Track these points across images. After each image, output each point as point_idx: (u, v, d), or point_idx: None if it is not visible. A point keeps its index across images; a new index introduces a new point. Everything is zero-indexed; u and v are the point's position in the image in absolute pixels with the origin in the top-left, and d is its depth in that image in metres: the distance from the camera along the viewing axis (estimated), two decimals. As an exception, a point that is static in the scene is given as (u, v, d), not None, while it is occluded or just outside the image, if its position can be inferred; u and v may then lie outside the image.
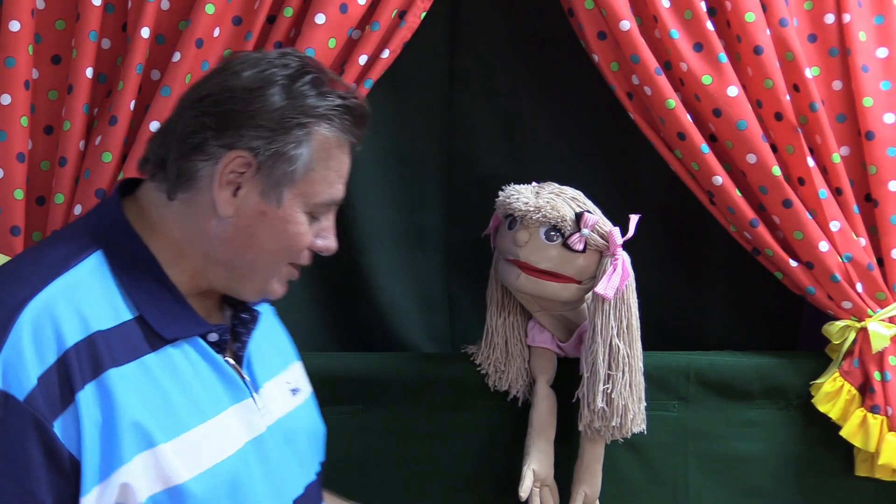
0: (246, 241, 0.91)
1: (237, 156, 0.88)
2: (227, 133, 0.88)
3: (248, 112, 0.88)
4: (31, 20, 1.23)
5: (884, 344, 1.38)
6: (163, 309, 0.89)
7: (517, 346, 1.38)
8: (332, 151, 0.92)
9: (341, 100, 0.92)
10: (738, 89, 1.34)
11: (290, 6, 1.28)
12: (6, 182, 1.23)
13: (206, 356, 0.92)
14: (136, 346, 0.86)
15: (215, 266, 0.93)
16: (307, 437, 1.05)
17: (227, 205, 0.89)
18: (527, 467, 1.31)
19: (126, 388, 0.83)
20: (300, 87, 0.90)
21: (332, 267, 1.56)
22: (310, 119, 0.90)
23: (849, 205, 1.38)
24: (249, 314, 1.00)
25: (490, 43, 1.55)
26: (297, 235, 0.92)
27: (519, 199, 1.26)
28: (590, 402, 1.27)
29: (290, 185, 0.90)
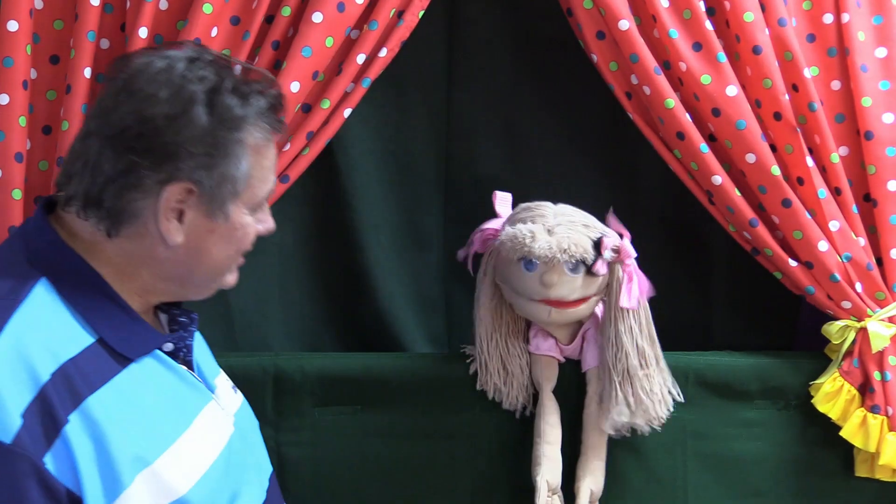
0: (199, 259, 0.91)
1: (179, 186, 0.85)
2: (163, 168, 0.84)
3: (177, 142, 0.84)
4: (29, 20, 1.23)
5: (883, 344, 1.38)
6: (120, 328, 0.87)
7: (516, 363, 1.37)
8: (263, 151, 0.91)
9: (264, 98, 0.90)
10: (737, 89, 1.34)
11: (288, 6, 1.28)
12: (4, 182, 1.23)
13: (168, 366, 0.92)
14: (104, 369, 0.84)
15: (167, 283, 0.92)
16: (253, 430, 1.06)
17: (175, 233, 0.87)
18: (540, 478, 1.31)
19: (108, 413, 0.81)
20: (223, 100, 0.86)
21: (331, 267, 1.56)
22: (240, 131, 0.87)
23: (848, 205, 1.38)
24: (187, 317, 0.99)
25: (488, 42, 1.55)
26: (245, 236, 0.93)
27: (537, 243, 1.22)
28: (630, 402, 1.29)
29: (234, 199, 0.89)
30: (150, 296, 0.93)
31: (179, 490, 0.84)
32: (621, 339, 1.28)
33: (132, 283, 0.90)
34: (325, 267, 1.56)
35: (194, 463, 0.88)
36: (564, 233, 1.23)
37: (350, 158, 1.50)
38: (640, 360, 1.29)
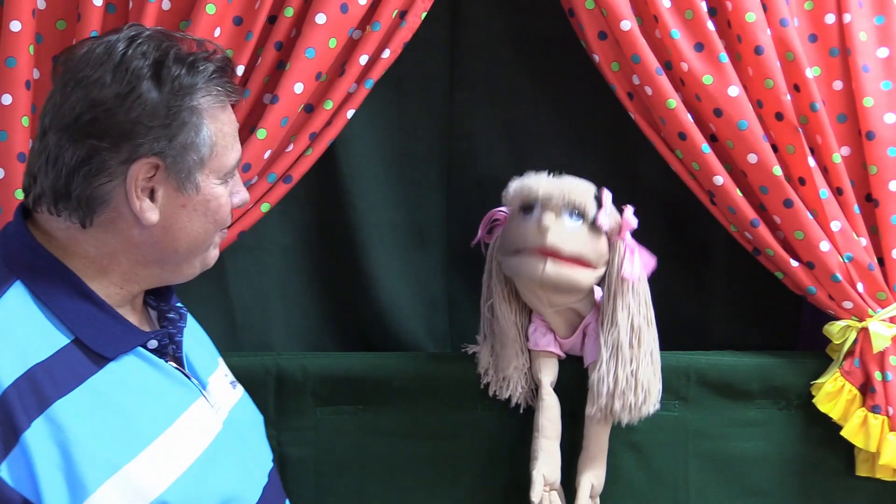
0: (176, 236, 0.90)
1: (143, 164, 0.85)
2: (122, 148, 0.84)
3: (131, 119, 0.84)
4: (32, 20, 1.23)
5: (885, 344, 1.38)
6: (97, 327, 0.86)
7: (518, 352, 1.37)
8: (221, 118, 0.91)
9: (210, 64, 0.90)
10: (738, 89, 1.34)
11: (291, 6, 1.28)
12: (7, 182, 1.23)
13: (152, 364, 0.91)
14: (78, 370, 0.83)
15: (147, 268, 0.92)
16: (253, 426, 1.06)
17: (149, 212, 0.87)
18: (536, 472, 1.30)
19: (77, 417, 0.80)
20: (169, 71, 0.86)
21: (333, 266, 1.56)
22: (193, 98, 0.87)
23: (849, 205, 1.38)
24: (176, 313, 0.99)
25: (490, 43, 1.55)
26: (219, 207, 0.93)
27: (540, 184, 1.23)
28: (609, 384, 1.26)
29: (201, 168, 0.89)
30: (132, 284, 0.92)
31: (154, 491, 0.83)
32: (616, 313, 1.26)
33: (112, 275, 0.90)
34: (328, 267, 1.56)
35: (172, 463, 0.86)
36: (566, 180, 1.25)
37: (353, 159, 1.51)
38: (632, 339, 1.26)
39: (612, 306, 1.27)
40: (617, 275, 1.27)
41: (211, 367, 1.04)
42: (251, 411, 1.08)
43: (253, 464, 1.00)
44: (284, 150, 1.31)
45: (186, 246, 0.92)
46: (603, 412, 1.28)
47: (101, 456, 0.80)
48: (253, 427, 1.07)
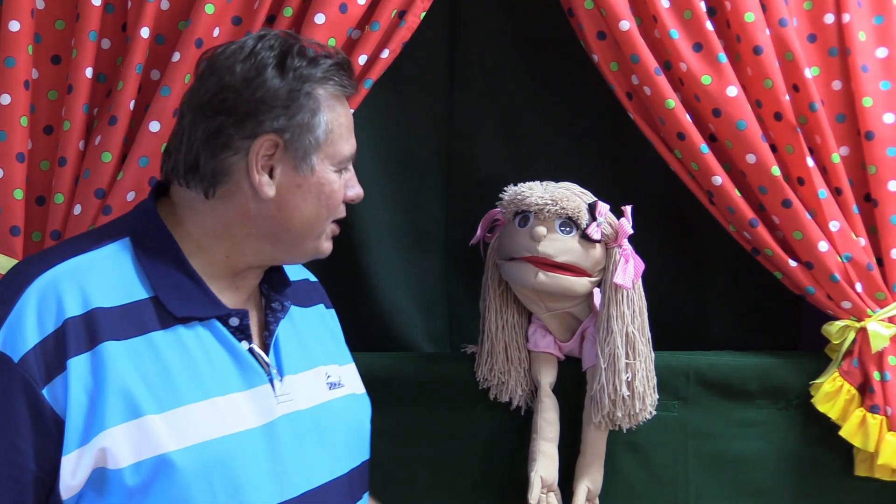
0: (290, 214, 0.96)
1: (265, 140, 0.93)
2: (246, 124, 0.93)
3: (256, 99, 0.93)
4: (30, 20, 1.23)
5: (883, 344, 1.38)
6: (179, 290, 0.93)
7: (517, 353, 1.37)
8: (338, 109, 0.98)
9: (329, 60, 0.97)
10: (737, 89, 1.34)
11: (290, 6, 1.28)
12: (6, 182, 1.23)
13: (222, 339, 0.95)
14: (144, 323, 0.90)
15: (258, 241, 0.97)
16: (344, 431, 1.06)
17: (268, 187, 0.94)
18: (534, 474, 1.31)
19: (122, 360, 0.87)
20: (291, 62, 0.94)
21: (333, 267, 1.56)
22: (312, 86, 0.95)
23: (848, 205, 1.38)
24: (280, 304, 1.04)
25: (490, 43, 1.55)
26: (332, 193, 0.98)
27: (532, 194, 1.27)
28: (610, 393, 1.28)
29: (317, 151, 0.96)
30: (239, 256, 0.98)
31: (165, 446, 0.87)
32: (612, 323, 1.28)
33: (222, 244, 0.97)
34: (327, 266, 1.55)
35: (195, 429, 0.89)
36: (560, 191, 1.27)
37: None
38: (628, 349, 1.28)
39: (606, 315, 1.28)
40: (611, 281, 1.27)
41: (309, 364, 1.05)
42: (349, 416, 1.08)
43: (304, 463, 0.99)
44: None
45: (299, 225, 0.97)
46: (605, 421, 1.30)
47: (129, 400, 0.86)
48: (347, 432, 1.06)
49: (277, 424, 0.96)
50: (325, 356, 1.09)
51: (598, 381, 1.29)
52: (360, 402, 1.13)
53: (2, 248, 1.23)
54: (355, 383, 1.13)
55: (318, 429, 1.00)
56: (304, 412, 1.00)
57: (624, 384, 1.27)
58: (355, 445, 1.08)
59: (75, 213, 1.24)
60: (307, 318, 1.11)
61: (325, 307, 1.18)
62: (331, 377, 1.07)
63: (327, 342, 1.13)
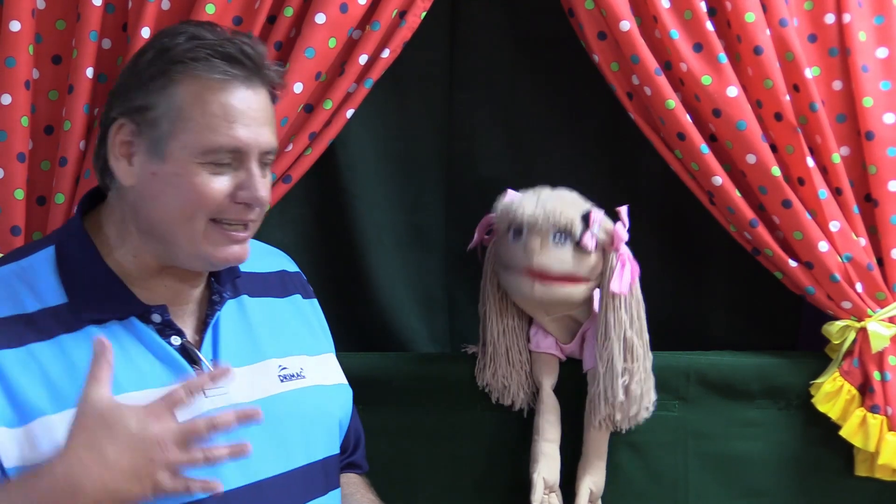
0: (152, 205, 0.93)
1: (118, 125, 0.92)
2: (110, 109, 0.94)
3: (119, 84, 0.94)
4: (31, 20, 1.23)
5: (883, 344, 1.38)
6: (92, 293, 0.93)
7: (518, 356, 1.37)
8: (205, 95, 0.91)
9: (210, 39, 0.92)
10: (737, 89, 1.34)
11: (291, 6, 1.28)
12: (7, 182, 1.23)
13: (142, 336, 0.94)
14: (53, 327, 0.90)
15: (149, 239, 0.96)
16: (298, 424, 1.02)
17: (126, 175, 0.93)
18: (537, 475, 1.31)
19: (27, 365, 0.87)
20: (168, 42, 0.92)
21: (333, 267, 1.56)
22: (169, 67, 0.91)
23: (849, 205, 1.38)
24: (219, 296, 1.02)
25: (490, 43, 1.55)
26: (193, 186, 0.91)
27: (524, 207, 1.26)
28: (609, 397, 1.28)
29: (169, 138, 0.91)
30: (144, 255, 0.96)
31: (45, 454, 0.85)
32: (609, 329, 1.27)
33: (127, 243, 0.96)
34: (327, 267, 1.55)
35: None
36: (552, 202, 1.26)
37: (352, 159, 1.50)
38: (626, 353, 1.28)
39: (604, 320, 1.28)
40: (607, 288, 1.27)
41: (256, 357, 1.02)
42: (306, 407, 1.04)
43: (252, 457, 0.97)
44: (284, 149, 1.31)
45: (163, 220, 0.93)
46: (605, 423, 1.31)
47: (32, 402, 0.86)
48: (303, 423, 1.03)
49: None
50: (285, 347, 1.06)
51: (596, 385, 1.29)
52: (328, 394, 1.09)
53: (2, 248, 1.23)
54: (326, 375, 1.10)
55: (263, 422, 0.95)
56: (243, 405, 0.95)
57: (621, 388, 1.27)
58: (314, 439, 1.04)
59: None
60: (272, 308, 1.08)
61: (302, 297, 1.15)
62: (286, 369, 1.04)
63: (295, 332, 1.09)
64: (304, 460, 1.02)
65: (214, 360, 0.98)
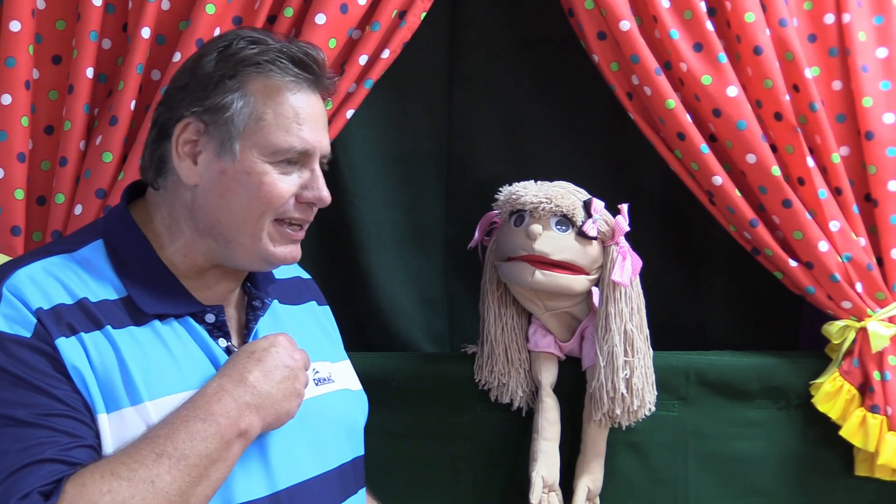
0: (217, 203, 0.93)
1: (184, 124, 0.93)
2: (174, 109, 0.94)
3: (182, 85, 0.94)
4: (31, 20, 1.23)
5: (883, 344, 1.38)
6: (151, 289, 0.93)
7: (517, 355, 1.37)
8: (277, 97, 0.94)
9: (286, 48, 0.95)
10: (737, 89, 1.34)
11: (291, 6, 1.28)
12: (7, 182, 1.23)
13: (196, 336, 0.94)
14: (122, 319, 0.90)
15: (203, 238, 0.96)
16: (332, 427, 1.05)
17: (190, 174, 0.93)
18: (535, 473, 1.31)
19: (106, 350, 0.87)
20: (234, 48, 0.93)
21: (333, 267, 1.56)
22: (240, 69, 0.93)
23: (848, 205, 1.38)
24: (260, 301, 1.02)
25: (490, 43, 1.55)
26: (262, 185, 0.93)
27: (527, 193, 1.27)
28: (609, 390, 1.28)
29: (241, 137, 0.92)
30: (195, 254, 0.96)
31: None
32: (610, 321, 1.27)
33: (177, 242, 0.96)
34: (327, 267, 1.56)
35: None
36: (554, 189, 1.27)
37: (352, 159, 1.51)
38: (626, 346, 1.28)
39: (605, 312, 1.28)
40: (608, 279, 1.27)
41: None
42: (338, 411, 1.07)
43: (289, 456, 0.98)
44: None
45: (228, 217, 0.94)
46: (606, 418, 1.30)
47: (111, 390, 0.86)
48: (334, 426, 1.05)
49: None
50: (313, 353, 1.07)
51: (596, 379, 1.29)
52: (353, 399, 1.12)
53: (2, 248, 1.23)
54: (349, 380, 1.12)
55: (304, 424, 0.99)
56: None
57: (622, 381, 1.27)
58: (346, 441, 1.07)
59: (76, 214, 1.25)
60: (296, 315, 1.10)
61: (317, 304, 1.17)
62: (318, 373, 1.06)
63: (318, 339, 1.12)
64: (339, 460, 1.05)
65: None
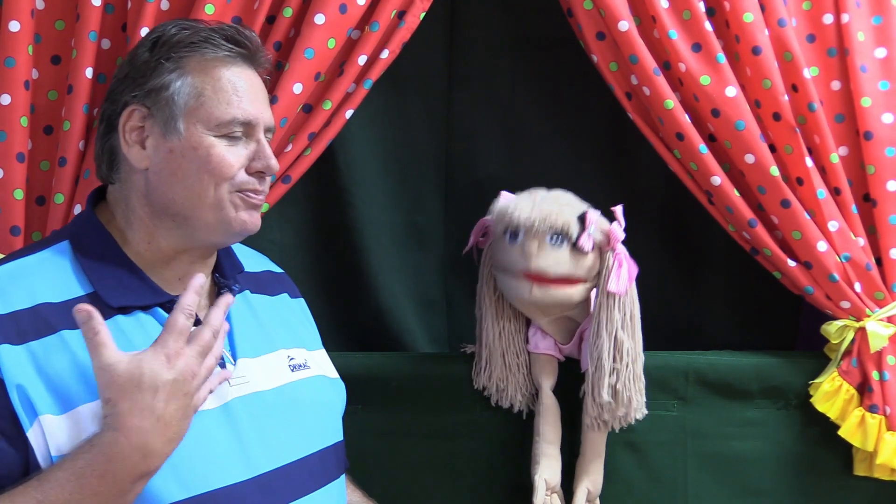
0: (170, 182, 0.96)
1: (129, 111, 0.96)
2: (117, 101, 0.97)
3: (122, 76, 0.98)
4: (30, 20, 1.24)
5: (882, 343, 1.38)
6: (117, 282, 0.95)
7: (515, 359, 1.37)
8: (214, 72, 0.97)
9: (208, 26, 0.99)
10: (736, 89, 1.34)
11: (290, 6, 1.28)
12: (6, 182, 1.23)
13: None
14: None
15: (162, 221, 0.98)
16: (312, 411, 1.06)
17: (139, 158, 0.96)
18: (538, 477, 1.30)
19: (53, 354, 0.88)
20: (166, 35, 0.97)
21: (332, 267, 1.57)
22: (175, 52, 0.96)
23: (847, 205, 1.38)
24: (228, 289, 1.03)
25: (489, 43, 1.55)
26: (211, 157, 0.96)
27: (520, 211, 1.25)
28: (596, 396, 1.27)
29: (183, 115, 0.96)
30: (158, 240, 0.98)
31: None
32: (601, 328, 1.27)
33: (139, 231, 0.98)
34: (326, 267, 1.56)
35: None
36: (547, 205, 1.25)
37: (351, 159, 1.51)
38: (616, 353, 1.27)
39: (598, 319, 1.28)
40: (604, 288, 1.27)
41: (267, 348, 1.05)
42: (314, 395, 1.08)
43: (270, 442, 0.99)
44: (283, 150, 1.32)
45: (183, 195, 0.96)
46: (595, 423, 1.30)
47: (72, 389, 0.87)
48: (315, 410, 1.07)
49: (232, 406, 0.96)
50: (288, 340, 1.10)
51: (587, 384, 1.29)
52: (331, 385, 1.13)
53: (2, 247, 1.23)
54: (326, 368, 1.14)
55: (282, 409, 1.01)
56: (264, 394, 1.00)
57: (607, 388, 1.27)
58: (326, 425, 1.09)
59: (75, 213, 1.25)
60: (270, 305, 1.12)
61: (289, 296, 1.19)
62: (294, 359, 1.08)
63: (293, 327, 1.13)
64: (320, 444, 1.06)
65: (231, 350, 1.01)
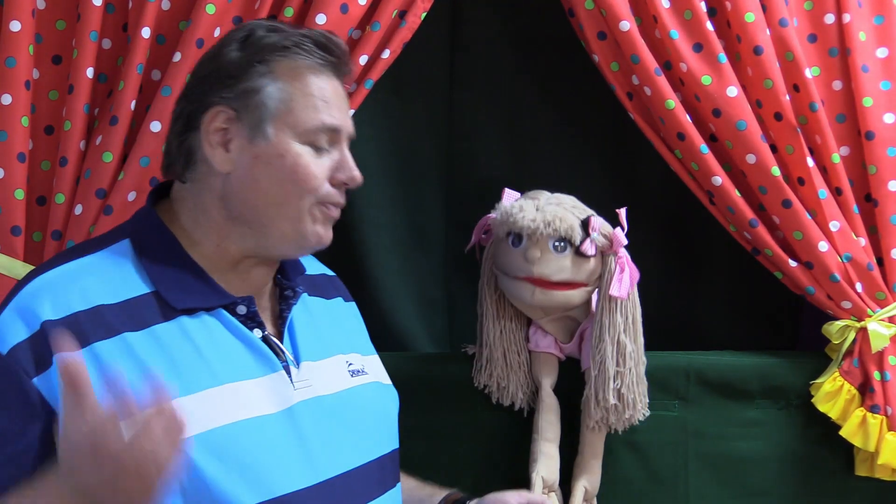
0: (252, 188, 0.93)
1: (214, 112, 0.92)
2: (201, 100, 0.94)
3: (210, 74, 0.94)
4: (31, 20, 1.23)
5: (883, 344, 1.38)
6: (179, 283, 0.92)
7: (516, 357, 1.37)
8: (304, 79, 0.95)
9: (297, 31, 0.96)
10: (737, 89, 1.34)
11: (291, 6, 1.28)
12: (7, 182, 1.23)
13: (231, 328, 0.94)
14: (146, 317, 0.89)
15: (237, 225, 0.95)
16: (371, 417, 1.05)
17: (222, 162, 0.93)
18: (535, 474, 1.31)
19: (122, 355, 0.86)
20: (256, 36, 0.94)
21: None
22: (268, 55, 0.94)
23: (848, 205, 1.38)
24: (292, 291, 1.02)
25: (490, 43, 1.55)
26: (298, 167, 0.93)
27: (524, 216, 1.25)
28: (601, 400, 1.28)
29: (272, 120, 0.93)
30: (228, 243, 0.95)
31: None
32: (603, 331, 1.27)
33: (210, 233, 0.95)
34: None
35: (208, 416, 0.87)
36: (551, 209, 1.25)
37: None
38: (619, 357, 1.27)
39: (600, 323, 1.28)
40: (606, 292, 1.27)
41: (327, 352, 1.04)
42: (374, 403, 1.07)
43: (330, 448, 0.97)
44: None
45: (264, 202, 0.94)
46: (598, 425, 1.31)
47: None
48: (375, 418, 1.06)
49: (296, 410, 0.94)
50: (346, 345, 1.08)
51: (589, 388, 1.29)
52: (386, 391, 1.12)
53: (2, 248, 1.23)
54: (380, 374, 1.12)
55: (343, 414, 0.99)
56: (325, 398, 0.98)
57: (612, 392, 1.27)
58: (384, 432, 1.07)
59: (76, 213, 1.25)
60: (326, 308, 1.10)
61: (343, 300, 1.17)
62: (352, 365, 1.06)
63: (348, 332, 1.12)
64: (379, 451, 1.05)
65: (294, 353, 0.99)
